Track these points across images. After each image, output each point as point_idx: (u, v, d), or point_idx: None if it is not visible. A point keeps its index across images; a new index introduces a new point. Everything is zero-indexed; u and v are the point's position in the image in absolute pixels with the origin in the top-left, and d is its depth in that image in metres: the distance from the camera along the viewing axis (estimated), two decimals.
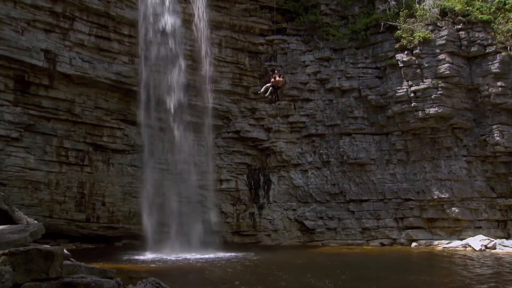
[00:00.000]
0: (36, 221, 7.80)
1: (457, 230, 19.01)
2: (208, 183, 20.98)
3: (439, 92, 18.99)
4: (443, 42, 19.15)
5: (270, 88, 19.58)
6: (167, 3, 19.38)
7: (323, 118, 21.83)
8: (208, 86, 20.47)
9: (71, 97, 18.29)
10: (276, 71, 20.18)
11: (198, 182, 20.41)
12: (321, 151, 21.87)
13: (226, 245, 18.71)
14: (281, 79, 19.56)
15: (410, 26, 19.88)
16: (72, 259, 6.44)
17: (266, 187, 22.29)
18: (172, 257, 15.52)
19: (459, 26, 19.47)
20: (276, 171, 22.41)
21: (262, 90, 19.81)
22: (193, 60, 20.63)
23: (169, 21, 19.31)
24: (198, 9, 20.10)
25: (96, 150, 19.41)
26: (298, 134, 22.34)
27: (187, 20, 20.23)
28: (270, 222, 21.82)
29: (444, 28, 19.40)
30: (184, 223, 18.58)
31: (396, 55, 20.22)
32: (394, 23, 20.42)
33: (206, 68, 20.39)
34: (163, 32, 19.39)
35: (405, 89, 19.81)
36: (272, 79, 19.53)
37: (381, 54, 21.00)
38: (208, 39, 20.36)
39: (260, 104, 22.28)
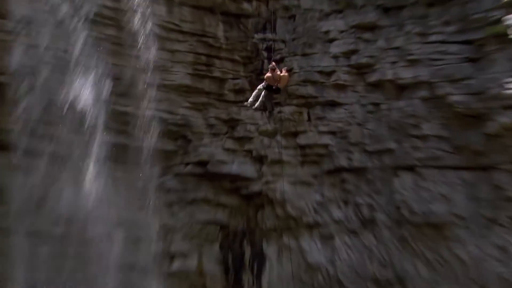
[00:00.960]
0: None
1: None
2: (147, 261, 16.44)
3: None
4: None
5: (264, 90, 15.74)
6: None
7: (362, 138, 17.40)
8: (147, 77, 16.35)
9: None
10: (273, 60, 16.62)
11: (127, 260, 15.88)
12: (358, 199, 17.30)
13: None
14: (285, 73, 15.68)
15: None
16: None
17: (256, 267, 17.92)
18: None
19: None
20: (275, 236, 17.98)
21: (251, 99, 16.05)
22: (119, 28, 16.16)
23: None
24: None
25: None
26: (315, 168, 17.96)
27: None
28: None
29: None
30: None
31: (506, 18, 15.33)
32: None
33: (144, 44, 16.35)
34: None
35: None
36: (268, 74, 15.53)
37: (476, 16, 16.36)
38: None
39: (245, 111, 17.91)
